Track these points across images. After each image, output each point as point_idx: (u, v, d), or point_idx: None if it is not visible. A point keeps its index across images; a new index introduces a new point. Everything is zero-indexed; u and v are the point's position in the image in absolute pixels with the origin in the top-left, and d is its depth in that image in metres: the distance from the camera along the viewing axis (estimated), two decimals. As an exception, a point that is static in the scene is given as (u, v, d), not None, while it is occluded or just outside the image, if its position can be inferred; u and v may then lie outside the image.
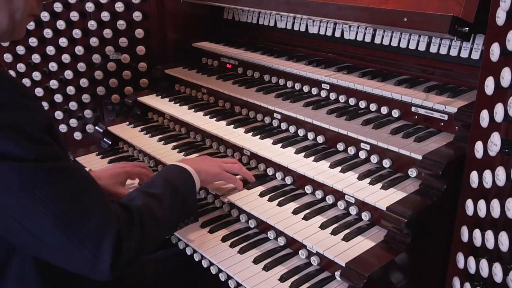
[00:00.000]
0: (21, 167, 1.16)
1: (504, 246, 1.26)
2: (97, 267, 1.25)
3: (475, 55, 1.85)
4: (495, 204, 1.28)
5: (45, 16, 2.79)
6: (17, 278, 1.35)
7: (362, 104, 2.02)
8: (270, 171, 1.98)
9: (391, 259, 1.48)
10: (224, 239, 1.78)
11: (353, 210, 1.72)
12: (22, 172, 1.17)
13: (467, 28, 1.66)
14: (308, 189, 1.86)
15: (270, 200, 1.82)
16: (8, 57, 2.90)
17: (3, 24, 1.30)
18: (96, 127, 2.64)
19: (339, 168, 1.79)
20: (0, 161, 1.14)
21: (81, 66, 2.87)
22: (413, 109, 1.86)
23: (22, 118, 1.19)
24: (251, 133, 2.12)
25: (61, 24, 2.80)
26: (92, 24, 2.78)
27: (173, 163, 1.77)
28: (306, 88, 2.24)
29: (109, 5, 2.75)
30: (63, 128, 3.03)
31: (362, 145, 1.84)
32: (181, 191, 1.64)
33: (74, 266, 1.28)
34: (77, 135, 3.04)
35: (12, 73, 2.93)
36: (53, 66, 2.88)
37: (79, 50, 2.82)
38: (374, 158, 1.81)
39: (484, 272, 1.34)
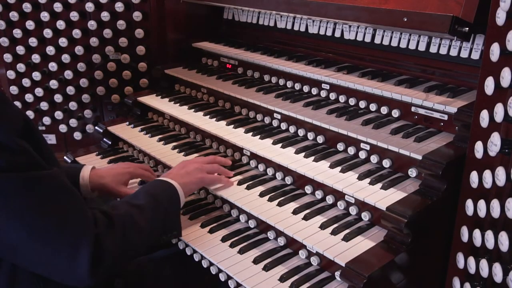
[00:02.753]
0: None
1: (504, 246, 1.26)
2: (75, 274, 1.24)
3: (475, 55, 1.85)
4: (495, 204, 1.28)
5: (45, 16, 2.80)
6: (9, 278, 1.34)
7: (362, 104, 2.02)
8: (270, 171, 1.98)
9: (391, 259, 1.48)
10: (224, 239, 1.78)
11: (353, 210, 1.72)
12: None
13: (467, 28, 1.66)
14: (308, 189, 1.86)
15: (270, 200, 1.82)
16: (8, 57, 2.90)
17: None
18: (96, 127, 2.64)
19: (339, 168, 1.79)
20: None
21: (81, 66, 2.88)
22: (413, 109, 1.86)
23: None
24: (251, 133, 2.12)
25: (61, 24, 2.80)
26: (92, 24, 2.78)
27: (158, 178, 1.78)
28: (306, 88, 2.24)
29: (109, 5, 2.76)
30: (63, 128, 3.04)
31: (362, 145, 1.84)
32: (163, 204, 1.64)
33: (52, 273, 1.27)
34: (77, 135, 3.05)
35: (12, 73, 2.94)
36: (53, 66, 2.88)
37: (79, 50, 2.82)
38: (374, 158, 1.81)
39: (484, 272, 1.34)
